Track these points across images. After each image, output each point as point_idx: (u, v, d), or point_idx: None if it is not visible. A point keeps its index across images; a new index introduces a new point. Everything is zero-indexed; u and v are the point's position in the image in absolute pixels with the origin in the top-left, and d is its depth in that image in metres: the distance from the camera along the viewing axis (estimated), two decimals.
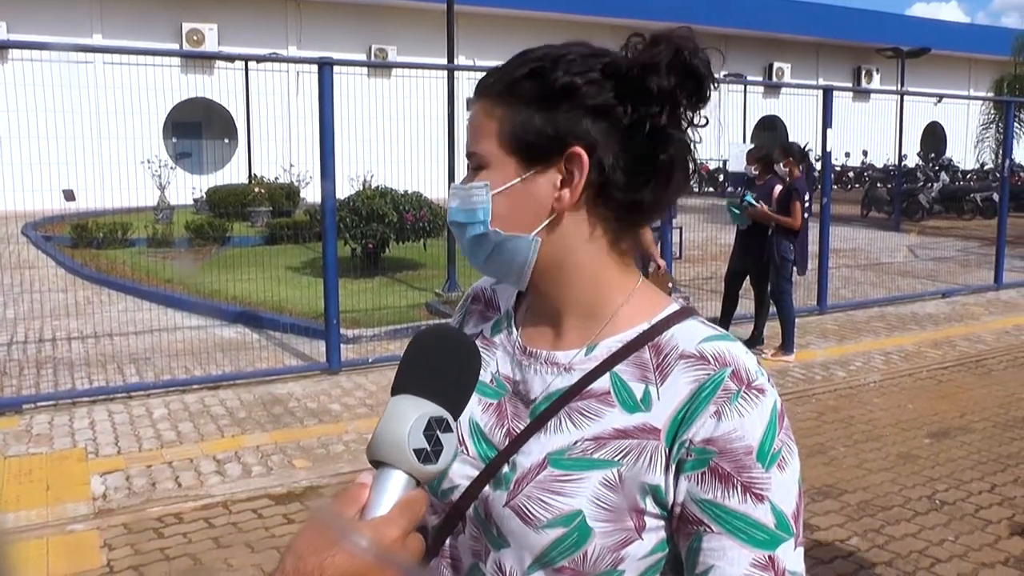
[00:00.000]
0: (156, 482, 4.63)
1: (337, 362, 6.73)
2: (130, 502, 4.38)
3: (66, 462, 4.91)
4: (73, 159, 12.34)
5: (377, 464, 0.79)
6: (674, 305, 0.98)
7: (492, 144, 0.95)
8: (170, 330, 8.04)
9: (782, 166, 7.20)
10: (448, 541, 0.99)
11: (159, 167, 14.99)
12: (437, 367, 0.85)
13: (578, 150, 0.91)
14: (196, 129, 21.98)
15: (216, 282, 9.33)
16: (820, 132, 9.11)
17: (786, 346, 7.29)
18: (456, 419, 0.82)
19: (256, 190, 15.71)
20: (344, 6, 22.59)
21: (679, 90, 0.91)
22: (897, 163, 19.74)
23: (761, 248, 7.27)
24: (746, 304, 7.79)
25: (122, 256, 11.83)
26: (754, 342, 7.42)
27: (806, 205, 7.10)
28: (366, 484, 0.78)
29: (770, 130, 26.92)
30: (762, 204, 7.13)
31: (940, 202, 19.52)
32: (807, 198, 7.14)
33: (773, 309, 7.38)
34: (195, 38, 21.00)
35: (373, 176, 11.80)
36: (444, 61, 10.27)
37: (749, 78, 26.57)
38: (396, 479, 0.78)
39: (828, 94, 9.08)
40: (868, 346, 7.90)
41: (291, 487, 4.60)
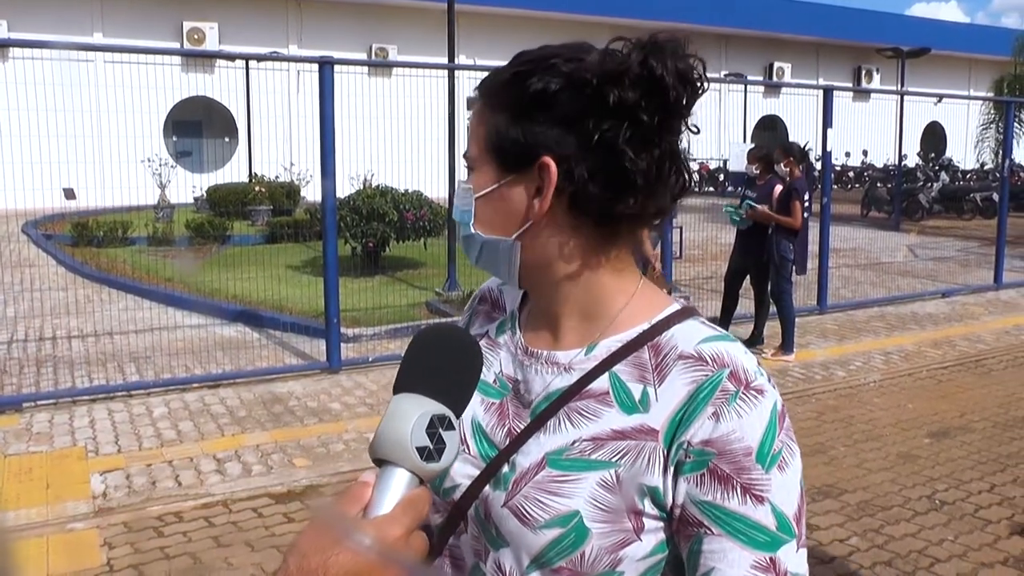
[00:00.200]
0: (156, 481, 4.64)
1: (337, 361, 6.74)
2: (130, 501, 4.38)
3: (66, 461, 4.91)
4: (73, 157, 12.33)
5: (380, 463, 0.79)
6: (675, 305, 0.97)
7: (479, 148, 0.96)
8: (170, 329, 8.04)
9: (783, 166, 7.21)
10: (451, 540, 0.99)
11: (159, 166, 14.99)
12: (439, 366, 0.85)
13: (547, 160, 0.90)
14: (197, 128, 21.99)
15: (216, 281, 9.33)
16: (820, 132, 9.11)
17: (786, 346, 7.29)
18: (458, 417, 0.82)
19: (256, 189, 15.72)
20: (345, 5, 22.59)
21: (643, 103, 0.87)
22: (897, 163, 19.74)
23: (761, 248, 7.28)
24: (746, 304, 7.79)
25: (122, 255, 11.84)
26: (754, 342, 7.43)
27: (806, 205, 7.10)
28: (369, 483, 0.78)
29: (770, 130, 26.94)
30: (763, 207, 7.12)
31: (940, 202, 19.52)
32: (807, 198, 7.15)
33: (773, 309, 7.38)
34: (196, 37, 21.01)
35: (373, 175, 11.81)
36: (445, 60, 10.27)
37: (749, 78, 26.62)
38: (399, 477, 0.78)
39: (828, 94, 9.08)
40: (868, 346, 7.90)
41: (291, 486, 4.60)
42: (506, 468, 0.94)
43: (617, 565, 0.89)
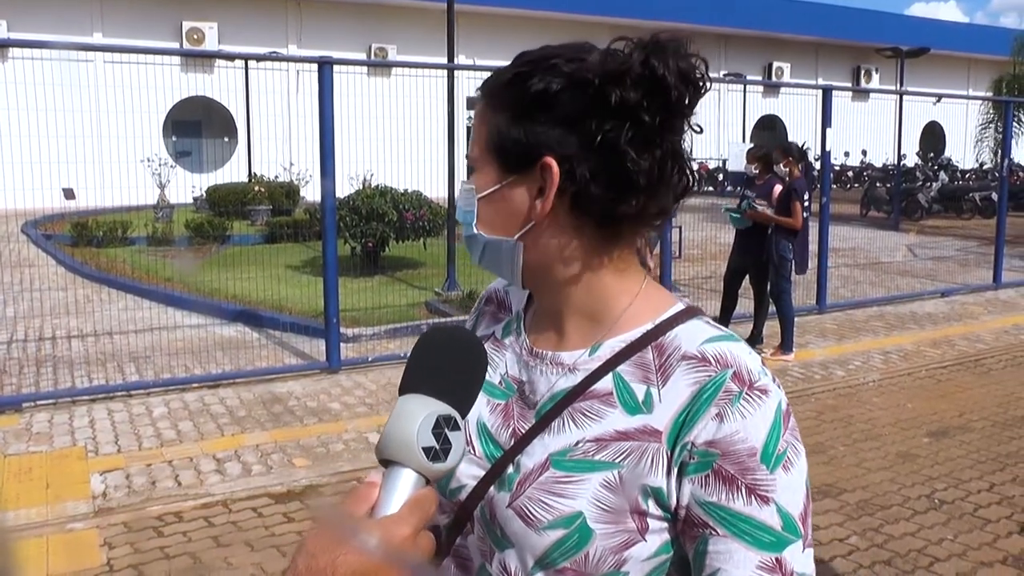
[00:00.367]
0: (156, 481, 4.64)
1: (337, 361, 6.74)
2: (130, 501, 4.38)
3: (66, 460, 4.91)
4: (73, 157, 12.35)
5: (386, 463, 0.80)
6: (679, 305, 0.97)
7: (481, 148, 0.96)
8: (170, 329, 8.04)
9: (782, 166, 7.21)
10: (458, 540, 0.99)
11: (159, 166, 15.00)
12: (445, 366, 0.85)
13: (549, 161, 0.90)
14: (196, 128, 21.99)
15: (216, 281, 9.34)
16: (819, 131, 9.12)
17: (785, 345, 7.30)
18: (464, 418, 0.82)
19: (256, 189, 15.72)
20: (344, 5, 22.59)
21: (645, 103, 0.87)
22: (896, 163, 19.75)
23: (760, 247, 7.28)
24: (745, 303, 7.79)
25: (122, 254, 11.84)
26: (753, 341, 7.43)
27: (805, 204, 7.11)
28: (376, 483, 0.78)
29: (769, 129, 26.95)
30: (764, 207, 7.12)
31: (939, 201, 19.52)
32: (806, 197, 7.15)
33: (772, 308, 7.39)
34: (195, 37, 21.00)
35: (373, 175, 11.81)
36: (444, 60, 10.27)
37: (749, 77, 26.62)
38: (406, 478, 0.78)
39: (827, 94, 9.09)
40: (867, 345, 7.91)
41: (291, 486, 4.60)
42: (511, 469, 0.94)
43: (622, 566, 0.89)
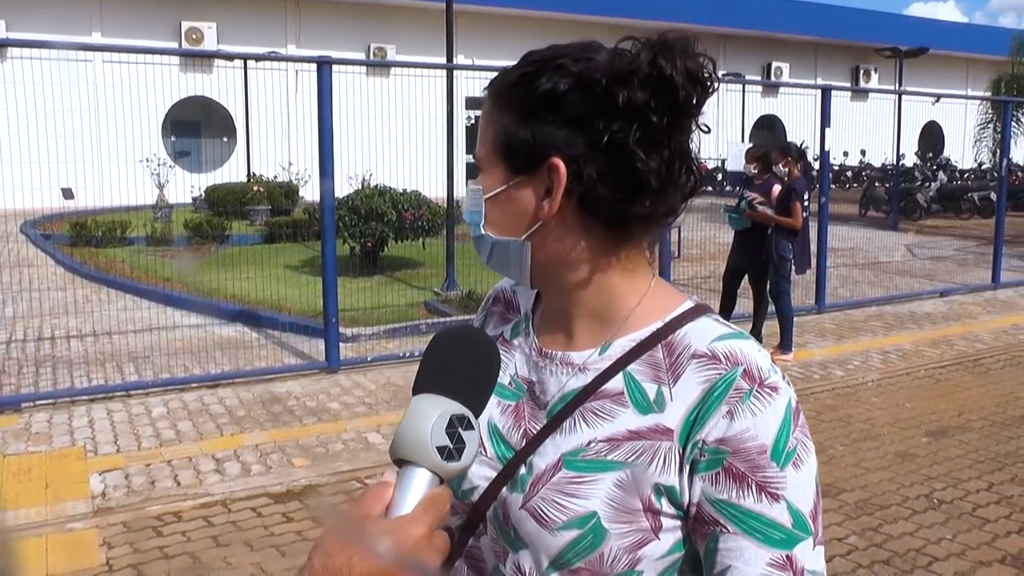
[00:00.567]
0: (155, 481, 4.64)
1: (336, 361, 6.74)
2: (129, 500, 4.38)
3: (65, 460, 4.91)
4: (72, 157, 12.34)
5: (400, 463, 0.80)
6: (688, 303, 0.97)
7: (488, 149, 0.96)
8: (169, 329, 8.03)
9: (781, 166, 7.22)
10: (470, 542, 1.00)
11: (158, 165, 15.00)
12: (457, 366, 0.85)
13: (556, 162, 0.90)
14: (195, 128, 21.98)
15: (215, 281, 9.33)
16: (818, 131, 9.12)
17: (784, 345, 7.30)
18: (477, 417, 0.82)
19: (255, 189, 15.72)
20: (343, 5, 22.58)
21: (653, 103, 0.87)
22: (895, 162, 19.76)
23: (759, 247, 7.28)
24: (744, 303, 7.80)
25: (121, 254, 11.83)
26: None
27: (805, 204, 7.11)
28: (390, 483, 0.79)
29: (768, 129, 26.96)
30: (764, 207, 7.11)
31: (938, 201, 19.53)
32: (806, 197, 7.15)
33: (771, 308, 7.39)
34: (194, 37, 20.99)
35: (372, 175, 11.81)
36: (443, 60, 10.27)
37: (748, 77, 26.61)
38: (420, 477, 0.78)
39: (826, 93, 9.09)
40: (866, 345, 7.91)
41: (290, 486, 4.60)
42: (523, 470, 0.94)
43: (636, 565, 0.89)
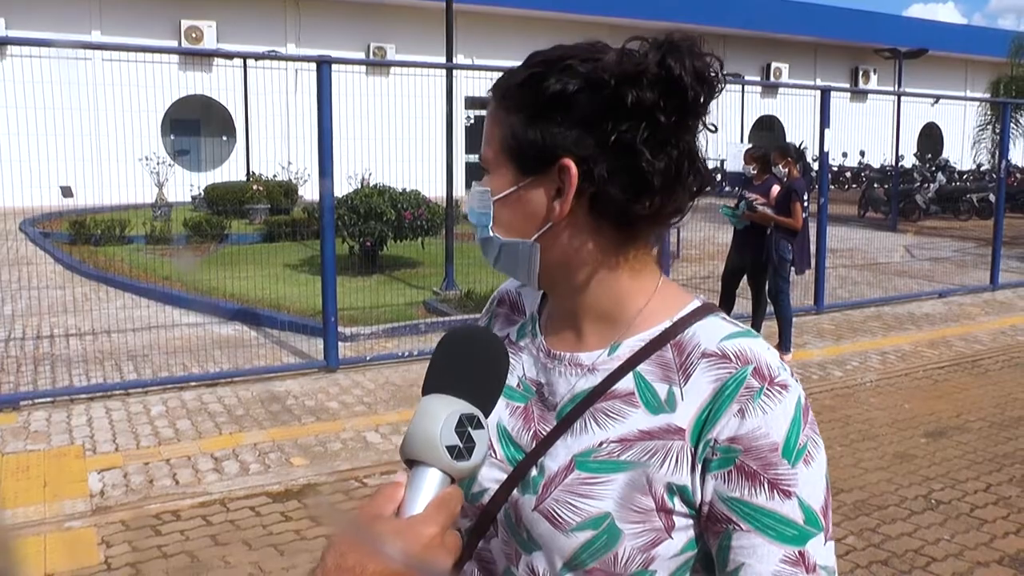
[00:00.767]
0: (154, 479, 4.64)
1: (335, 360, 6.74)
2: (128, 499, 4.38)
3: (64, 459, 4.91)
4: (71, 156, 12.32)
5: (411, 463, 0.80)
6: (695, 302, 0.98)
7: (495, 149, 0.95)
8: (168, 327, 8.03)
9: (781, 167, 7.22)
10: (480, 545, 1.00)
11: (157, 164, 14.98)
12: (466, 366, 0.85)
13: (567, 162, 0.90)
14: (194, 126, 21.95)
15: (214, 279, 9.33)
16: (817, 132, 9.13)
17: (783, 345, 7.30)
18: (487, 416, 0.82)
19: (254, 187, 15.72)
20: (343, 4, 22.57)
21: (662, 103, 0.87)
22: (894, 163, 19.77)
23: (758, 246, 7.28)
24: (743, 303, 7.80)
25: (120, 253, 11.82)
26: None
27: (804, 205, 7.11)
28: (401, 483, 0.79)
29: (768, 130, 26.95)
30: (764, 208, 7.11)
31: (937, 203, 19.55)
32: (805, 198, 7.16)
33: (770, 308, 7.39)
34: (194, 35, 20.98)
35: (371, 174, 11.81)
36: (443, 59, 10.27)
37: (747, 78, 26.61)
38: (431, 477, 0.78)
39: (825, 94, 9.10)
40: (865, 346, 7.92)
41: (289, 485, 4.61)
42: (534, 472, 0.94)
43: (649, 564, 0.89)
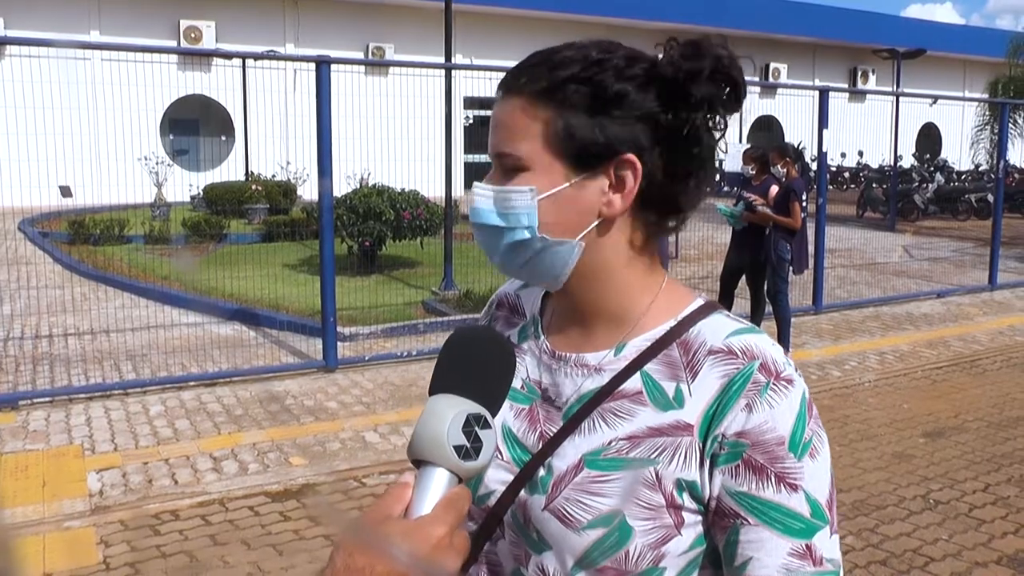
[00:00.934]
0: (153, 479, 4.64)
1: (334, 360, 6.74)
2: (127, 499, 4.38)
3: (63, 459, 4.91)
4: (70, 155, 12.32)
5: (418, 463, 0.80)
6: (699, 300, 0.98)
7: (535, 146, 0.92)
8: (167, 327, 8.03)
9: (779, 167, 7.22)
10: (487, 547, 0.99)
11: (156, 164, 14.98)
12: (473, 366, 0.85)
13: (631, 157, 0.91)
14: (193, 126, 21.94)
15: (213, 279, 9.33)
16: (816, 132, 9.13)
17: (782, 345, 7.29)
18: (494, 416, 0.82)
19: (253, 187, 15.71)
20: (342, 4, 22.57)
21: (718, 97, 0.92)
22: (892, 164, 19.78)
23: (757, 246, 7.28)
24: (742, 304, 7.81)
25: (119, 253, 11.81)
26: None
27: (803, 205, 7.12)
28: (409, 483, 0.79)
29: (766, 130, 26.97)
30: (764, 208, 7.11)
31: (935, 203, 19.56)
32: (804, 198, 7.16)
33: (769, 308, 7.40)
34: (193, 35, 20.98)
35: (370, 174, 11.82)
36: (442, 60, 10.27)
37: (746, 78, 26.61)
38: (438, 477, 0.78)
39: (824, 95, 9.11)
40: (863, 346, 7.92)
41: (288, 484, 4.61)
42: (542, 472, 0.95)
43: (660, 561, 0.90)
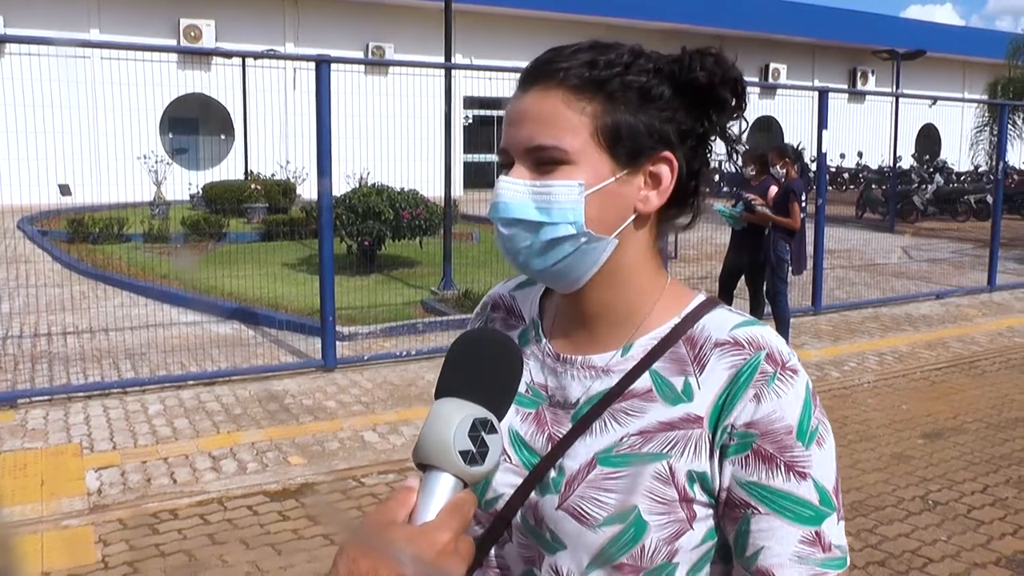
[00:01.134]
0: (151, 478, 4.64)
1: (333, 359, 6.74)
2: (125, 498, 4.38)
3: (61, 457, 4.91)
4: (69, 154, 12.32)
5: (423, 467, 0.79)
6: (700, 296, 1.00)
7: (581, 139, 0.90)
8: (166, 326, 8.03)
9: (779, 167, 7.23)
10: (493, 551, 0.99)
11: (156, 163, 14.97)
12: (479, 369, 0.85)
13: (669, 154, 0.94)
14: (193, 125, 21.94)
15: (212, 278, 9.33)
16: (815, 133, 9.13)
17: None
18: (500, 420, 0.82)
19: (252, 186, 15.70)
20: (342, 3, 22.57)
21: (735, 103, 0.98)
22: (892, 165, 19.78)
23: (756, 246, 7.28)
24: (741, 304, 7.81)
25: (118, 251, 11.80)
26: None
27: (802, 205, 7.12)
28: (414, 488, 0.78)
29: (766, 131, 26.98)
30: (763, 208, 7.11)
31: (934, 204, 19.57)
32: (803, 198, 7.16)
33: (768, 309, 7.40)
34: (192, 34, 20.97)
35: (369, 173, 11.81)
36: (441, 59, 10.27)
37: (745, 79, 26.62)
38: (444, 482, 0.78)
39: (823, 95, 9.10)
40: (862, 347, 7.93)
41: (286, 484, 4.60)
42: (553, 473, 0.94)
43: (673, 556, 0.90)
